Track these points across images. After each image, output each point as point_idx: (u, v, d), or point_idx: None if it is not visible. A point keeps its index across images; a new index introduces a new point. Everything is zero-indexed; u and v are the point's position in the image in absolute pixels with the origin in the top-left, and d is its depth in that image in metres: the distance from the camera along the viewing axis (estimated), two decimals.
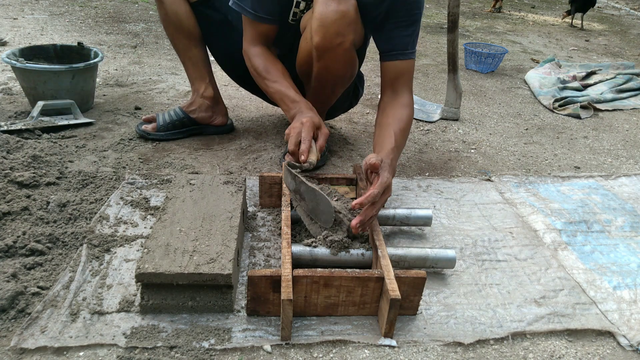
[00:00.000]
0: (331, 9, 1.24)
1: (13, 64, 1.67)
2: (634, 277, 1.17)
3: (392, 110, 1.32)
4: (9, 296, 0.92)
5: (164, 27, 1.61)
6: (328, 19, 1.25)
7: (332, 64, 1.36)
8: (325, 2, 1.25)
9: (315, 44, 1.30)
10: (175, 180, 1.22)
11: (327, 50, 1.31)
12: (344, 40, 1.29)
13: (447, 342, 0.95)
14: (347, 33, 1.28)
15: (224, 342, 0.90)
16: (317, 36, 1.28)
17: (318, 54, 1.32)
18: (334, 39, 1.28)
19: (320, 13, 1.26)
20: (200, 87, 1.68)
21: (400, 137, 1.25)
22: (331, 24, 1.25)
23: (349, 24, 1.26)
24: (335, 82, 1.45)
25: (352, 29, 1.29)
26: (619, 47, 3.86)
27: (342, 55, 1.33)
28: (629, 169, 1.77)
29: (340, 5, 1.24)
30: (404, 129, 1.28)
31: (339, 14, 1.24)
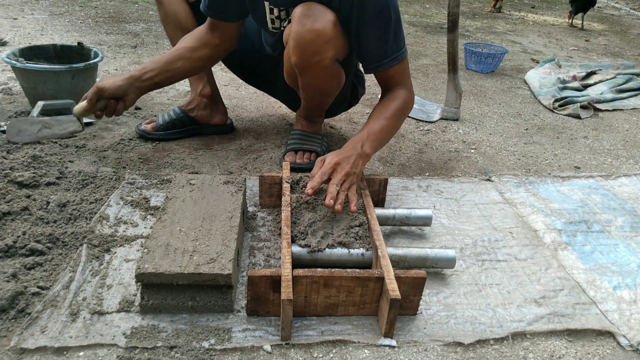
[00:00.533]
0: (306, 29, 1.21)
1: (13, 64, 1.67)
2: (634, 277, 1.17)
3: (379, 106, 1.32)
4: (9, 296, 0.92)
5: (164, 26, 1.61)
6: (304, 39, 1.22)
7: (315, 80, 1.36)
8: (300, 20, 1.21)
9: (294, 62, 1.29)
10: (175, 180, 1.22)
11: (306, 69, 1.30)
12: (322, 58, 1.26)
13: (447, 342, 0.95)
14: (325, 51, 1.25)
15: (224, 342, 0.90)
16: (294, 56, 1.27)
17: (298, 71, 1.32)
18: (311, 58, 1.25)
19: (295, 33, 1.23)
20: (198, 86, 1.68)
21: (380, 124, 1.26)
22: (307, 44, 1.23)
23: (326, 42, 1.23)
24: (322, 94, 1.45)
25: (332, 46, 1.25)
26: (619, 47, 3.86)
27: (323, 72, 1.32)
28: (629, 169, 1.77)
29: (315, 23, 1.20)
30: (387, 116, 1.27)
31: (314, 33, 1.21)
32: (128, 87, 1.36)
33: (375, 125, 1.25)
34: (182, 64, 1.42)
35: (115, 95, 1.35)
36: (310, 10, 1.21)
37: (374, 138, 1.23)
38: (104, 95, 1.34)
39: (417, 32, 3.74)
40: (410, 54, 3.13)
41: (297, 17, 1.22)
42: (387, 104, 1.30)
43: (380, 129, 1.25)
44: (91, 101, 1.34)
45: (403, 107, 1.31)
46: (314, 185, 1.09)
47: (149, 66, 1.39)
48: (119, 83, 1.35)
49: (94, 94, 1.33)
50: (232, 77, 2.35)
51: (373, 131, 1.24)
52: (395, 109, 1.29)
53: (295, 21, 1.22)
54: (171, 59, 1.41)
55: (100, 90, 1.33)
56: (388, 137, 1.30)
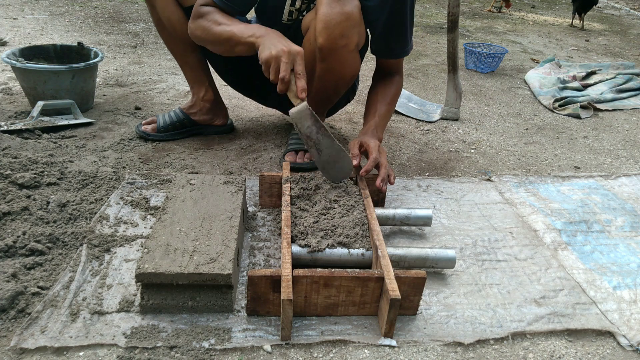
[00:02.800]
0: (336, 11, 1.24)
1: (13, 64, 1.67)
2: (634, 277, 1.17)
3: (382, 88, 1.47)
4: (9, 296, 0.92)
5: (158, 32, 1.59)
6: (333, 21, 1.25)
7: (336, 65, 1.36)
8: (329, 3, 1.24)
9: (320, 45, 1.29)
10: (175, 180, 1.22)
11: (332, 52, 1.30)
12: (348, 42, 1.29)
13: (447, 342, 0.95)
14: (352, 35, 1.28)
15: (224, 342, 0.90)
16: (322, 37, 1.27)
17: (322, 55, 1.32)
18: (338, 40, 1.27)
19: (324, 14, 1.25)
20: (200, 91, 1.66)
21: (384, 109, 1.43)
22: (336, 26, 1.25)
23: (353, 25, 1.27)
24: (338, 83, 1.45)
25: (357, 31, 1.29)
26: (619, 47, 3.86)
27: (346, 57, 1.34)
28: (629, 169, 1.77)
29: (345, 6, 1.24)
30: (388, 102, 1.45)
31: (343, 15, 1.24)
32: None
33: (382, 109, 1.42)
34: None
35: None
36: None
37: (383, 124, 1.42)
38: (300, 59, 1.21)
39: (417, 32, 3.74)
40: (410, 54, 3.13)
41: (326, 0, 1.25)
42: (388, 89, 1.47)
43: (385, 113, 1.43)
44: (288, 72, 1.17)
45: (399, 92, 1.51)
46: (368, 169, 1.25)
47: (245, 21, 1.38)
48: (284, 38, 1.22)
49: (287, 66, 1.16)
50: None
51: (381, 116, 1.41)
52: (394, 94, 1.48)
53: (324, 4, 1.25)
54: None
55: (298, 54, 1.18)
56: (388, 120, 1.49)
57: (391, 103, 1.46)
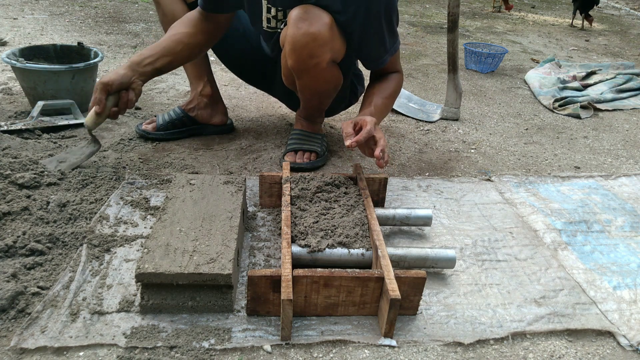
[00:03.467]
0: (302, 32, 1.20)
1: (13, 64, 1.67)
2: (634, 277, 1.17)
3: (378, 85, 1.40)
4: (9, 296, 0.92)
5: (163, 27, 1.61)
6: (299, 43, 1.22)
7: (312, 83, 1.36)
8: (296, 23, 1.21)
9: (290, 66, 1.29)
10: (175, 180, 1.22)
11: (304, 72, 1.30)
12: (319, 61, 1.26)
13: (447, 342, 0.95)
14: (321, 54, 1.24)
15: (224, 342, 0.90)
16: (291, 60, 1.27)
17: (296, 74, 1.32)
18: (307, 61, 1.25)
19: (291, 36, 1.23)
20: (198, 86, 1.68)
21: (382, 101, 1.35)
22: (303, 48, 1.22)
23: (322, 45, 1.22)
24: (320, 96, 1.46)
25: (328, 49, 1.25)
26: (619, 47, 3.86)
27: (320, 74, 1.32)
28: (629, 169, 1.77)
29: (311, 26, 1.19)
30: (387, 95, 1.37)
31: (309, 36, 1.20)
32: (132, 73, 1.29)
33: (378, 101, 1.34)
34: (181, 49, 1.38)
35: (123, 85, 1.28)
36: (306, 13, 1.20)
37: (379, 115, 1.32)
38: (112, 89, 1.27)
39: (417, 32, 3.74)
40: (410, 54, 3.13)
41: (293, 20, 1.21)
42: (385, 85, 1.39)
43: (382, 106, 1.35)
44: (101, 101, 1.26)
45: (398, 89, 1.43)
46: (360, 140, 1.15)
47: (147, 52, 1.34)
48: (122, 72, 1.28)
49: (102, 92, 1.25)
50: (232, 77, 2.35)
51: (378, 107, 1.33)
52: (393, 90, 1.40)
53: (290, 24, 1.22)
54: (169, 45, 1.36)
55: (107, 85, 1.25)
56: (385, 115, 1.41)
57: (389, 97, 1.38)
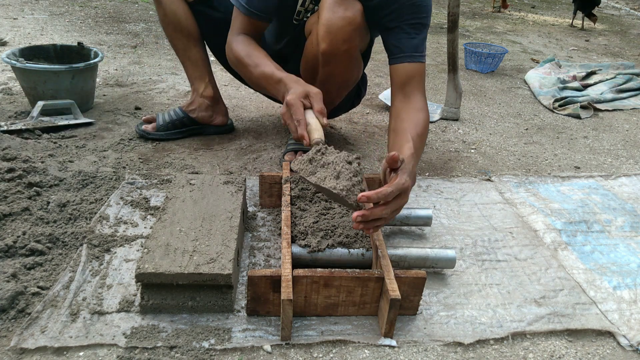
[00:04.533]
0: (338, 16, 1.23)
1: (13, 64, 1.67)
2: (634, 277, 1.17)
3: (407, 115, 1.21)
4: (9, 296, 0.92)
5: (163, 27, 1.61)
6: (335, 26, 1.24)
7: (339, 70, 1.36)
8: (331, 7, 1.23)
9: (322, 50, 1.29)
10: (175, 180, 1.22)
11: (334, 57, 1.30)
12: (350, 47, 1.28)
13: (447, 342, 0.95)
14: (354, 39, 1.27)
15: (224, 342, 0.90)
16: (324, 43, 1.27)
17: (324, 60, 1.32)
18: (341, 45, 1.27)
19: (327, 19, 1.24)
20: (199, 87, 1.68)
21: (419, 142, 1.14)
22: (338, 31, 1.24)
23: (355, 30, 1.25)
24: (341, 86, 1.46)
25: (359, 35, 1.28)
26: (619, 47, 3.86)
27: (348, 61, 1.34)
28: (629, 169, 1.77)
29: (347, 11, 1.23)
30: (421, 133, 1.18)
31: (346, 20, 1.23)
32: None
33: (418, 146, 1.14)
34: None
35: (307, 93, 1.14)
36: None
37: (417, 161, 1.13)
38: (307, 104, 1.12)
39: None
40: None
41: (328, 5, 1.24)
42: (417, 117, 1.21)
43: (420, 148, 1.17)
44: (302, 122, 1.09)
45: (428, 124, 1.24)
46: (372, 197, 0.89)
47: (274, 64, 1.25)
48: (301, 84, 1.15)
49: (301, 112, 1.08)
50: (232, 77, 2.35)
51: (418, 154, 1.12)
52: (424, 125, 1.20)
53: (326, 9, 1.24)
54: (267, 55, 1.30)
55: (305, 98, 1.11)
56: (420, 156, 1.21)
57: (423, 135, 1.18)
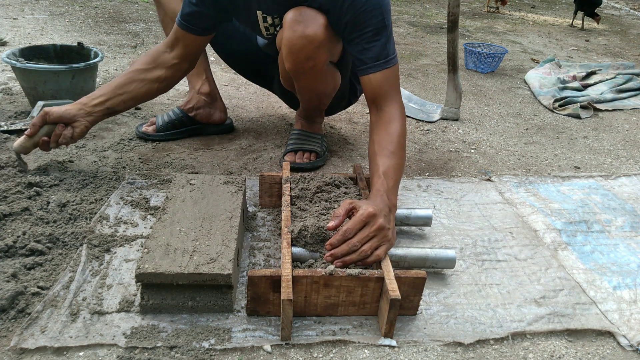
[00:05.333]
0: (297, 35, 1.20)
1: (13, 64, 1.67)
2: (634, 277, 1.17)
3: (378, 135, 1.18)
4: (9, 296, 0.92)
5: (163, 27, 1.61)
6: (296, 46, 1.22)
7: (310, 84, 1.36)
8: (291, 26, 1.20)
9: (288, 69, 1.29)
10: (175, 180, 1.22)
11: (301, 74, 1.30)
12: (315, 63, 1.26)
13: (447, 342, 0.95)
14: (318, 55, 1.24)
15: (224, 342, 0.90)
16: (288, 62, 1.27)
17: (293, 76, 1.33)
18: (304, 63, 1.25)
19: (287, 39, 1.22)
20: (196, 84, 1.68)
21: (390, 163, 1.12)
22: (299, 50, 1.22)
23: (318, 47, 1.22)
24: (319, 96, 1.46)
25: (324, 50, 1.24)
26: (619, 47, 3.86)
27: (317, 76, 1.32)
28: (629, 169, 1.77)
29: (307, 28, 1.19)
30: (395, 146, 1.15)
31: (306, 39, 1.20)
32: (76, 111, 1.26)
33: (389, 167, 1.12)
34: (135, 86, 1.33)
35: (61, 119, 1.25)
36: (301, 15, 1.20)
37: (393, 184, 1.10)
38: (49, 120, 1.25)
39: (417, 32, 3.74)
40: (410, 54, 3.13)
41: (288, 23, 1.21)
42: (389, 132, 1.17)
43: (395, 168, 1.12)
44: (34, 126, 1.24)
45: (403, 131, 1.19)
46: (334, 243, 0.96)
47: (99, 92, 1.31)
48: (65, 107, 1.26)
49: (39, 118, 1.24)
50: (232, 77, 2.36)
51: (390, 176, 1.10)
52: (398, 136, 1.17)
53: (286, 27, 1.22)
54: (122, 82, 1.33)
55: (46, 114, 1.24)
56: (402, 173, 1.16)
57: (398, 151, 1.15)
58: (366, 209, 0.98)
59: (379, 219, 0.98)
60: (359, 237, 0.96)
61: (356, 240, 0.96)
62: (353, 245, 0.95)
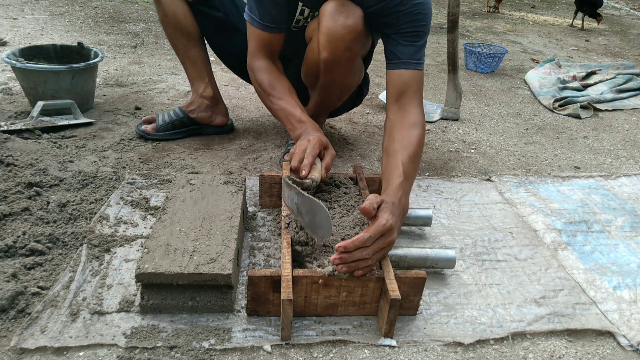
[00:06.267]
0: (339, 24, 1.21)
1: (13, 64, 1.67)
2: (634, 277, 1.17)
3: (400, 134, 1.17)
4: (9, 296, 0.92)
5: (163, 27, 1.61)
6: (336, 35, 1.23)
7: (340, 76, 1.37)
8: (332, 15, 1.22)
9: (324, 59, 1.29)
10: (175, 180, 1.22)
11: (336, 65, 1.30)
12: (352, 55, 1.28)
13: (447, 342, 0.95)
14: (355, 47, 1.27)
15: (224, 342, 0.90)
16: (326, 52, 1.27)
17: (326, 67, 1.32)
18: (342, 54, 1.26)
19: (327, 28, 1.23)
20: (199, 87, 1.68)
21: (410, 166, 1.11)
22: (339, 40, 1.23)
23: (356, 37, 1.24)
24: (342, 90, 1.47)
25: (360, 42, 1.27)
26: (619, 47, 3.86)
27: (349, 68, 1.34)
28: (629, 169, 1.77)
29: (348, 19, 1.21)
30: (414, 153, 1.13)
31: (347, 29, 1.22)
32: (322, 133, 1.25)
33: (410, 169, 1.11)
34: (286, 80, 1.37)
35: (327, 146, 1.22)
36: (342, 6, 1.22)
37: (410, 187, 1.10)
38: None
39: None
40: None
41: (329, 12, 1.22)
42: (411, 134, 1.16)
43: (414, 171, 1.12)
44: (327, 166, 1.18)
45: (423, 137, 1.19)
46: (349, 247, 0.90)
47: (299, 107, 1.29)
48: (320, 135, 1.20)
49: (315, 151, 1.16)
50: (232, 77, 2.35)
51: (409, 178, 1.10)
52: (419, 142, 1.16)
53: (326, 17, 1.23)
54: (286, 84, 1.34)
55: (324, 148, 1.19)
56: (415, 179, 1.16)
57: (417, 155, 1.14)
58: (388, 221, 0.94)
59: (394, 234, 0.96)
60: (373, 248, 0.93)
61: (370, 250, 0.92)
62: (366, 254, 0.92)
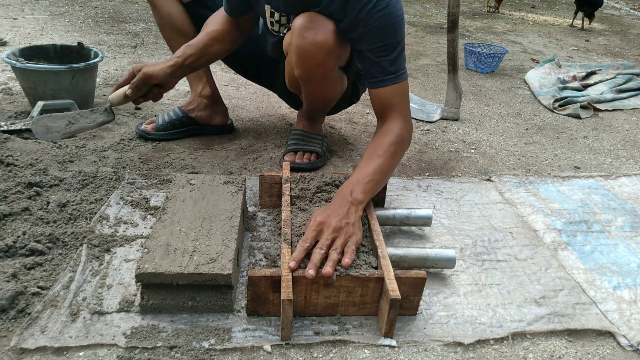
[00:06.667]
0: (308, 42, 1.19)
1: (13, 64, 1.67)
2: (634, 277, 1.17)
3: (373, 143, 1.19)
4: (9, 296, 0.92)
5: (160, 30, 1.61)
6: (306, 52, 1.21)
7: (318, 89, 1.37)
8: (300, 33, 1.19)
9: (297, 75, 1.29)
10: (175, 180, 1.22)
11: (311, 80, 1.30)
12: (325, 70, 1.26)
13: (447, 342, 0.95)
14: (328, 62, 1.25)
15: (224, 342, 0.90)
16: (298, 69, 1.27)
17: (303, 82, 1.33)
18: (315, 70, 1.25)
19: (297, 46, 1.21)
20: (198, 87, 1.68)
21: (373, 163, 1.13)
22: (310, 58, 1.22)
23: (328, 53, 1.21)
24: (325, 101, 1.47)
25: (334, 56, 1.24)
26: (619, 47, 3.86)
27: (326, 81, 1.33)
28: (629, 169, 1.77)
29: (317, 35, 1.18)
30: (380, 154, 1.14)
31: (316, 46, 1.19)
32: (173, 73, 1.34)
33: (366, 168, 1.12)
34: (216, 48, 1.41)
35: (161, 82, 1.33)
36: (311, 22, 1.19)
37: (365, 181, 1.10)
38: (151, 82, 1.31)
39: (417, 32, 3.74)
40: (410, 54, 3.13)
41: (298, 29, 1.20)
42: (380, 140, 1.18)
43: (373, 170, 1.12)
44: (137, 88, 1.30)
45: (398, 141, 1.18)
46: (296, 257, 0.94)
47: (189, 51, 1.36)
48: (166, 70, 1.32)
49: (141, 81, 1.30)
50: (232, 77, 2.36)
51: (364, 175, 1.11)
52: (388, 144, 1.16)
53: (296, 34, 1.21)
54: (207, 43, 1.39)
55: (149, 78, 1.30)
56: (383, 177, 1.14)
57: (383, 156, 1.14)
58: (314, 221, 1.00)
59: (331, 221, 0.99)
60: (321, 244, 0.96)
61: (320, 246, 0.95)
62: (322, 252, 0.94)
